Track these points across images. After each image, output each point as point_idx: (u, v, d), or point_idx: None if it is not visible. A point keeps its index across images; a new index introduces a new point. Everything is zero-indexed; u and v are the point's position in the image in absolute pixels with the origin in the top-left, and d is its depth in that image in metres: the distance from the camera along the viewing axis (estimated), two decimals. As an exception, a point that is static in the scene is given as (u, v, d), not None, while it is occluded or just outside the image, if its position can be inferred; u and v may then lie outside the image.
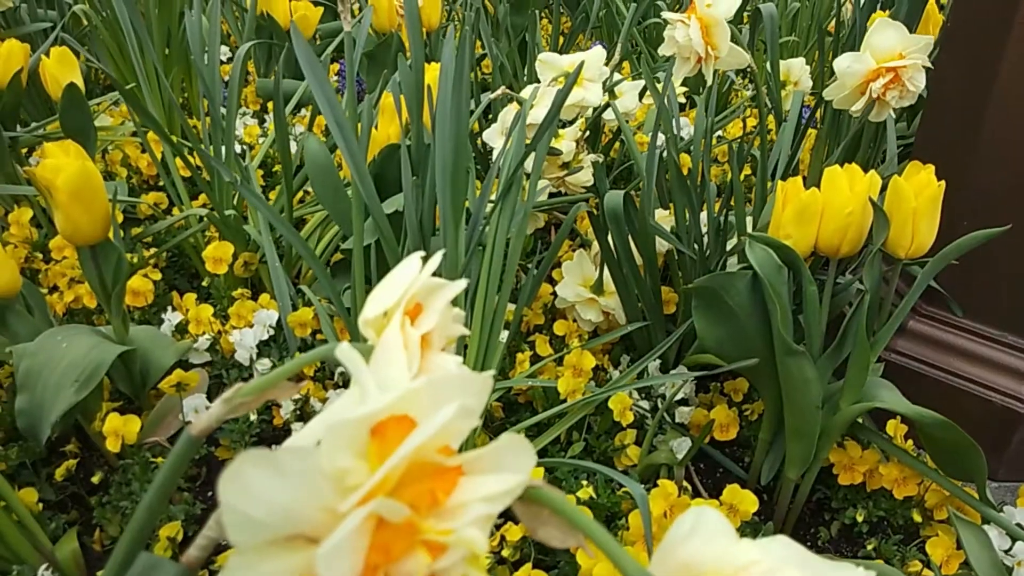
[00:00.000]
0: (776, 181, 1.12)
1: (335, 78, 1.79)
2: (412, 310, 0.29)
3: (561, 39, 2.12)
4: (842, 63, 0.75)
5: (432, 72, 0.89)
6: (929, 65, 0.74)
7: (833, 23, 1.72)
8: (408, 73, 0.76)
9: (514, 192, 0.73)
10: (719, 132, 1.53)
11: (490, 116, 1.63)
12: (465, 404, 0.19)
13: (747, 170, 1.47)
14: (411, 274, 0.28)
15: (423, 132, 0.78)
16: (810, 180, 1.17)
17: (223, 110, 1.08)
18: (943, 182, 0.66)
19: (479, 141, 1.24)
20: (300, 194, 1.23)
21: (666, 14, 0.78)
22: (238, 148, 1.41)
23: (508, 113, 1.09)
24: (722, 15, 0.74)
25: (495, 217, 0.74)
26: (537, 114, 0.96)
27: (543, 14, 2.52)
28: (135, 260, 1.03)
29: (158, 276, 1.02)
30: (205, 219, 1.06)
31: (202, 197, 1.20)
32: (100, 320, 0.98)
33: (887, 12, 1.54)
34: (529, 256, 1.21)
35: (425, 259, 0.29)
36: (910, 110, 1.50)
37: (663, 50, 0.82)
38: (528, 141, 0.95)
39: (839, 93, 0.78)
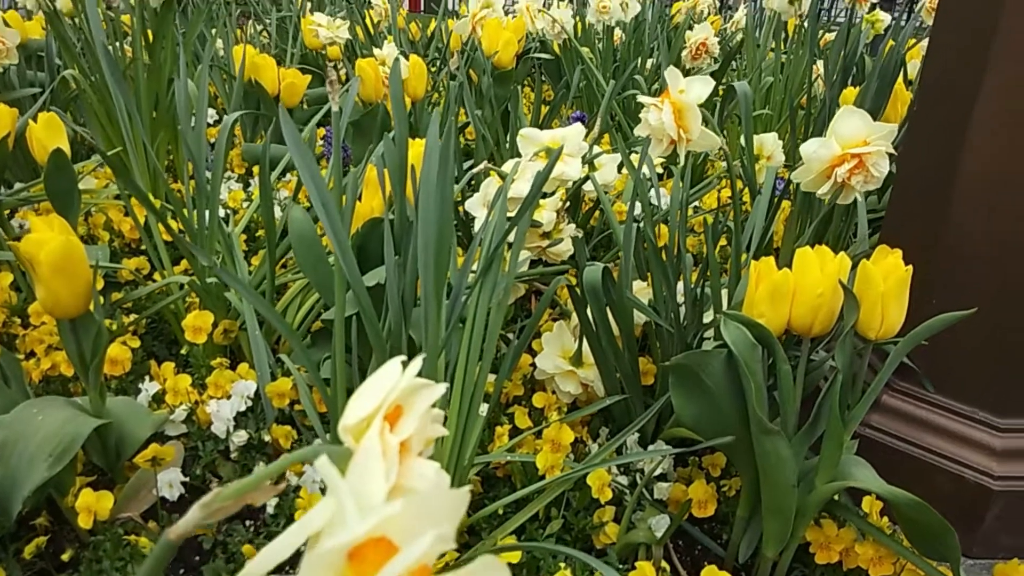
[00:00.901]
0: (751, 252, 1.15)
1: (320, 142, 1.82)
2: (392, 413, 0.30)
3: (544, 107, 2.18)
4: (808, 148, 0.78)
5: (416, 148, 0.91)
6: (893, 151, 0.77)
7: (805, 98, 1.78)
8: (392, 149, 0.78)
9: (495, 268, 0.74)
10: (695, 203, 1.57)
11: (472, 183, 1.67)
12: (442, 532, 0.20)
13: (723, 241, 1.50)
14: (391, 381, 0.29)
15: (406, 208, 0.79)
16: (784, 252, 1.19)
17: (208, 174, 1.10)
18: (911, 267, 0.68)
19: (460, 209, 1.27)
20: (284, 259, 1.24)
21: (641, 97, 0.81)
22: (222, 212, 1.42)
23: (490, 185, 1.11)
24: (694, 100, 0.77)
25: (476, 291, 0.75)
26: (519, 188, 0.99)
27: (527, 82, 2.59)
28: (114, 327, 1.03)
29: (136, 344, 1.01)
30: (186, 286, 1.06)
31: (184, 262, 1.21)
32: (77, 388, 0.97)
33: (857, 88, 1.60)
34: (509, 324, 1.22)
35: (406, 363, 0.30)
36: (882, 183, 1.54)
37: (639, 131, 0.85)
38: (510, 214, 0.98)
39: (806, 176, 0.80)
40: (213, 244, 1.16)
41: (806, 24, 1.81)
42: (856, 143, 0.76)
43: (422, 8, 6.10)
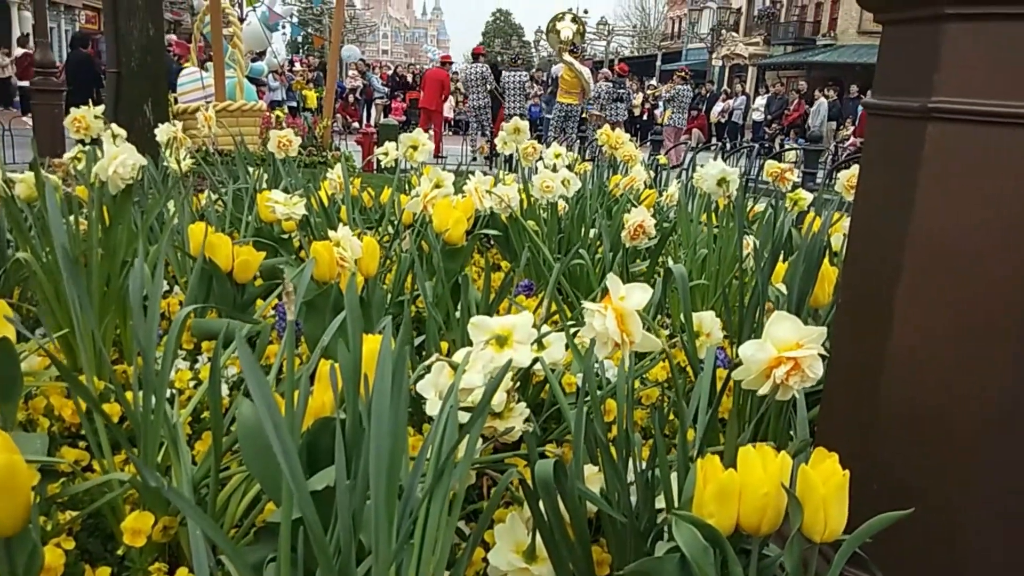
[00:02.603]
0: (698, 430, 1.17)
1: (272, 312, 1.83)
2: None
3: (494, 274, 2.25)
4: (747, 351, 0.83)
5: (370, 344, 0.93)
6: (825, 353, 0.82)
7: (738, 270, 1.88)
8: (346, 356, 0.80)
9: (446, 477, 0.75)
10: (643, 375, 1.61)
11: (423, 352, 1.69)
12: None
13: (671, 415, 1.53)
14: None
15: (359, 412, 0.80)
16: (729, 440, 1.21)
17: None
18: (847, 471, 0.72)
19: (412, 389, 1.28)
20: (232, 447, 1.22)
21: (585, 304, 0.86)
22: (169, 391, 1.41)
23: (441, 371, 1.13)
24: (634, 307, 0.82)
25: (427, 499, 0.75)
26: (470, 379, 1.01)
27: (478, 246, 2.69)
28: (49, 527, 0.98)
29: (71, 545, 0.97)
30: (127, 483, 1.03)
31: (125, 451, 1.18)
32: (0, 599, 0.91)
33: (787, 262, 1.71)
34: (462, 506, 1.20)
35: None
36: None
37: (583, 334, 0.89)
38: (462, 405, 0.99)
39: (746, 376, 0.85)
40: (157, 431, 1.14)
41: (734, 202, 1.95)
42: (790, 346, 0.81)
43: (375, 168, 6.35)
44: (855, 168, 2.10)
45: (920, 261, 0.90)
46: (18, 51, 15.45)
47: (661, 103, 14.04)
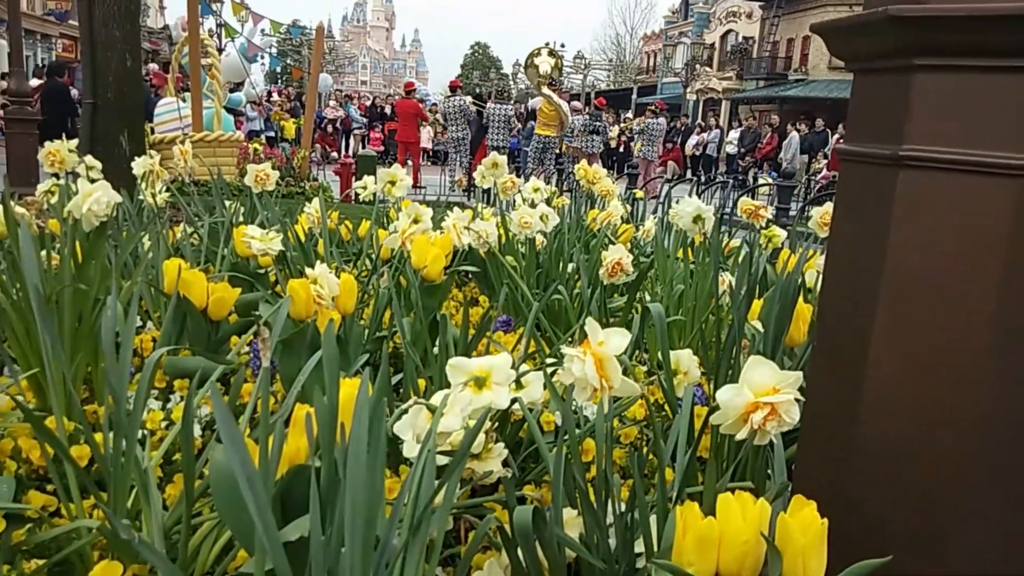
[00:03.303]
0: (676, 470, 1.17)
1: (247, 349, 1.81)
2: None
3: (472, 309, 2.24)
4: (724, 396, 0.83)
5: (347, 389, 0.92)
6: (801, 398, 0.82)
7: (713, 304, 1.89)
8: (322, 403, 0.79)
9: (424, 528, 0.74)
10: (622, 412, 1.61)
11: (401, 390, 1.67)
12: None
13: (650, 455, 1.53)
14: None
15: (335, 463, 0.79)
16: (708, 485, 1.21)
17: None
18: (825, 520, 0.72)
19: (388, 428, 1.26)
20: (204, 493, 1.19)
21: (565, 348, 0.86)
22: (140, 432, 1.38)
23: (419, 413, 1.12)
24: (612, 352, 0.82)
25: (403, 553, 0.73)
26: (448, 423, 1.00)
27: (457, 279, 2.68)
28: (14, 575, 0.96)
29: (35, 596, 0.94)
30: (95, 531, 1.01)
31: (96, 496, 1.15)
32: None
33: (763, 299, 1.72)
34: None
35: None
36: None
37: (563, 378, 0.89)
38: (440, 449, 0.98)
39: (724, 420, 0.85)
40: (128, 475, 1.12)
41: (710, 239, 1.97)
42: (766, 391, 0.82)
43: (354, 199, 6.35)
44: (828, 205, 2.14)
45: (893, 302, 0.91)
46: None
47: (634, 135, 14.25)
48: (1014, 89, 0.82)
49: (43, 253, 1.58)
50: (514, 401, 1.28)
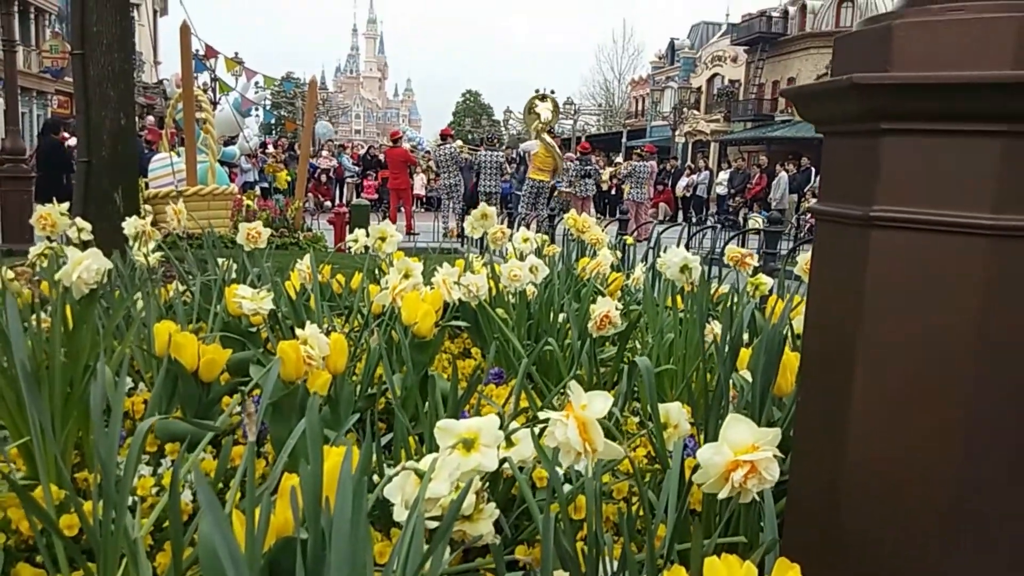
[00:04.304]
0: (668, 525, 1.17)
1: (238, 410, 1.81)
2: None
3: (462, 361, 2.25)
4: (704, 455, 0.84)
5: (333, 458, 0.93)
6: (780, 455, 0.83)
7: (704, 357, 1.90)
8: (307, 474, 0.79)
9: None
10: (614, 466, 1.61)
11: (392, 449, 1.67)
12: None
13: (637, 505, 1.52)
14: None
15: (321, 535, 0.79)
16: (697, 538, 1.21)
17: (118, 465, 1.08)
18: (810, 582, 0.72)
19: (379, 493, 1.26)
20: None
21: (549, 413, 0.87)
22: (130, 499, 1.37)
23: (407, 478, 1.12)
24: (595, 415, 0.83)
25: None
26: (436, 488, 1.00)
27: (448, 331, 2.69)
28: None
29: (20, 676, 0.93)
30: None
31: (83, 568, 1.14)
32: None
33: (751, 348, 1.74)
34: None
35: None
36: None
37: (547, 442, 0.89)
38: (428, 515, 0.98)
39: (706, 479, 0.86)
40: (118, 546, 1.11)
41: (697, 287, 1.99)
42: (745, 448, 0.83)
43: (347, 249, 6.39)
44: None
45: (871, 355, 0.93)
46: None
47: (623, 178, 14.44)
48: (978, 152, 0.85)
49: (34, 317, 1.59)
50: (504, 461, 1.28)
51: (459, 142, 13.46)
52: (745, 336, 2.03)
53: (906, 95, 0.86)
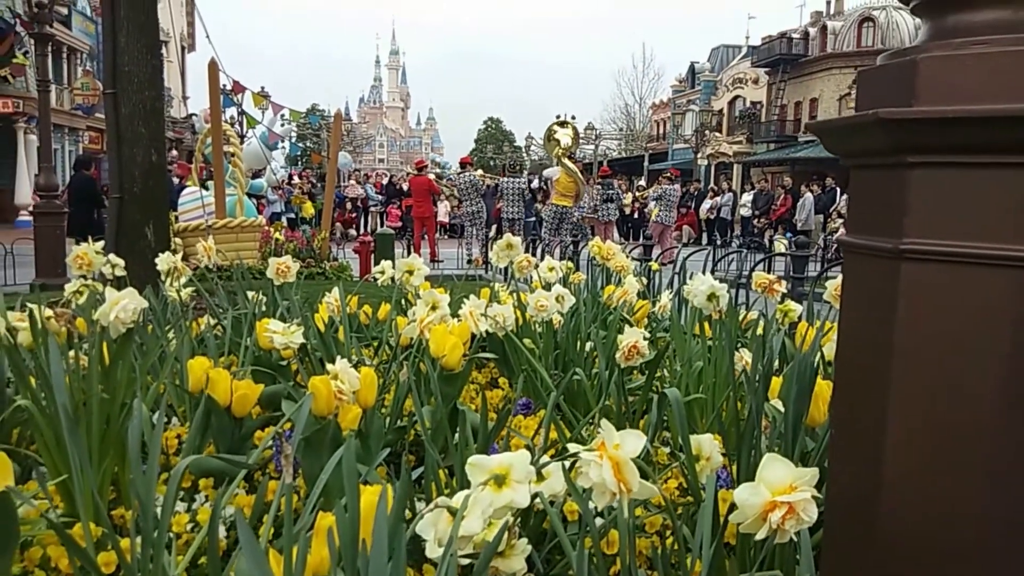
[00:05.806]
0: (703, 559, 1.16)
1: (271, 443, 1.83)
2: None
3: (492, 392, 2.25)
4: (741, 495, 0.84)
5: (368, 496, 0.94)
6: (819, 495, 0.83)
7: (734, 386, 1.89)
8: (342, 516, 0.80)
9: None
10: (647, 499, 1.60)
11: (423, 482, 1.67)
12: None
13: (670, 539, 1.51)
14: None
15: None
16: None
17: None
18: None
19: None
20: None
21: (582, 453, 0.87)
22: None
23: (439, 515, 1.13)
24: (629, 455, 0.83)
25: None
26: (469, 526, 1.00)
27: (476, 362, 2.70)
28: None
29: None
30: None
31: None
32: None
33: (782, 376, 1.72)
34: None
35: None
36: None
37: (581, 483, 0.90)
38: (461, 552, 0.98)
39: (743, 519, 0.85)
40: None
41: (725, 315, 1.98)
42: (783, 489, 0.82)
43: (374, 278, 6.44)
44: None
45: (904, 390, 0.92)
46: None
47: (651, 202, 14.44)
48: (1007, 183, 0.84)
49: (72, 353, 1.62)
50: (536, 495, 1.28)
51: (480, 171, 13.58)
52: (775, 363, 2.02)
53: (932, 129, 0.86)
